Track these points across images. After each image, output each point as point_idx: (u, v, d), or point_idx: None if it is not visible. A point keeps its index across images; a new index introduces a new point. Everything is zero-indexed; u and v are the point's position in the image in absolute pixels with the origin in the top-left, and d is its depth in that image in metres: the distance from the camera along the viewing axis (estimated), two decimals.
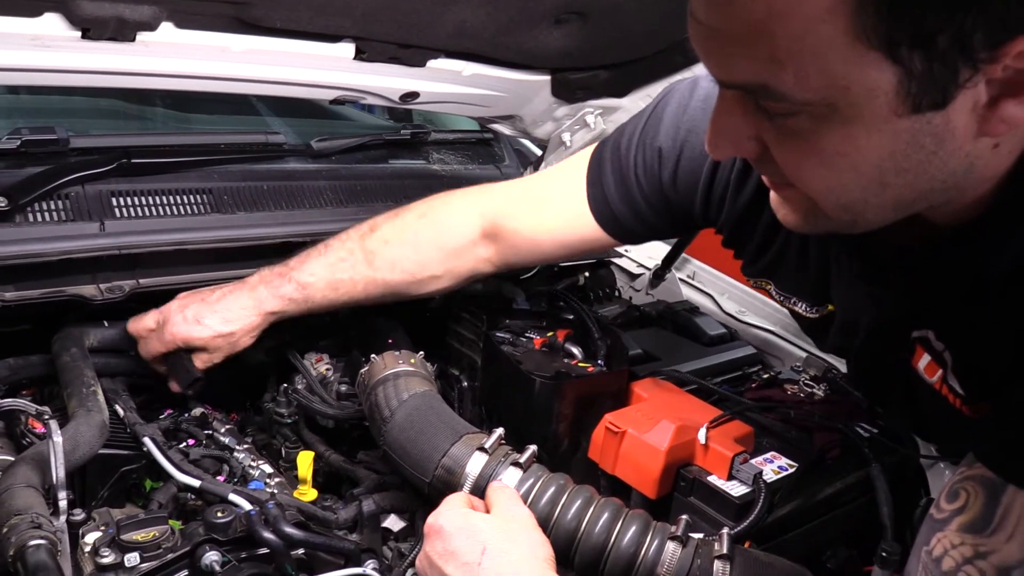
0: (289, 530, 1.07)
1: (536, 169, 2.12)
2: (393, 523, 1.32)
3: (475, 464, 1.13)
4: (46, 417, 1.16)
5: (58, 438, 1.02)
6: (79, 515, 1.15)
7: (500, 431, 1.16)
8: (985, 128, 0.71)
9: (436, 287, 1.42)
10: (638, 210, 1.26)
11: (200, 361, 1.42)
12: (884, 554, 1.19)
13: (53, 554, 0.92)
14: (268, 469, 1.37)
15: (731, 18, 0.69)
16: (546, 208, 1.35)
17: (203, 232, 1.52)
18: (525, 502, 1.08)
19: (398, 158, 2.03)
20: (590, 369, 1.40)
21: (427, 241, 1.38)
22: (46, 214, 1.42)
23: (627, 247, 2.05)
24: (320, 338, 1.59)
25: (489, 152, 2.21)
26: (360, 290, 1.39)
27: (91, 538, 1.10)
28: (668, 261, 1.95)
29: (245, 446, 1.43)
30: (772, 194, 0.90)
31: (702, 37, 0.73)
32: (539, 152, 2.16)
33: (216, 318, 1.39)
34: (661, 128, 1.21)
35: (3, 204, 1.37)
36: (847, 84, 0.68)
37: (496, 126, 2.05)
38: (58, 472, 1.02)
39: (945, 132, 0.71)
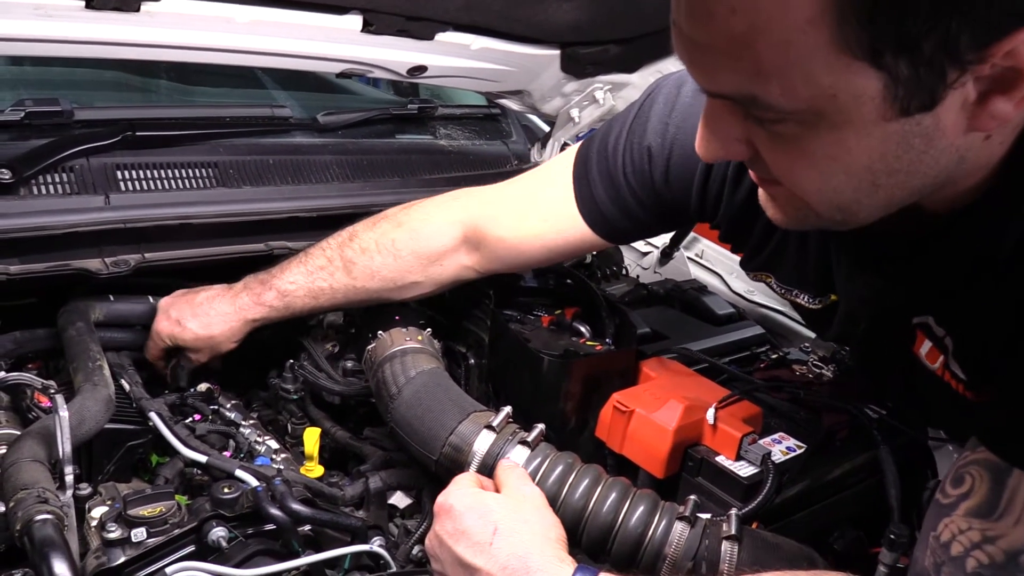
0: (296, 507, 1.07)
1: (544, 145, 2.10)
2: (399, 500, 1.32)
3: (483, 442, 1.12)
4: (52, 391, 1.16)
5: (64, 413, 1.01)
6: (85, 489, 1.15)
7: (508, 409, 1.15)
8: (975, 124, 0.71)
9: (418, 292, 1.42)
10: (629, 210, 1.24)
11: (188, 358, 1.45)
12: (892, 536, 1.18)
13: (60, 529, 0.91)
14: (274, 445, 1.37)
15: (713, 32, 0.68)
16: (531, 212, 1.32)
17: (209, 206, 1.50)
18: (533, 481, 1.07)
19: (405, 133, 2.01)
20: (598, 348, 1.39)
21: (405, 249, 1.38)
22: (50, 187, 1.41)
23: None
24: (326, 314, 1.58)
25: (496, 127, 2.19)
26: (340, 298, 1.40)
27: (97, 512, 1.11)
28: (677, 240, 1.94)
29: (251, 422, 1.43)
30: (760, 192, 0.90)
31: (686, 48, 0.73)
32: (547, 128, 2.14)
33: (197, 322, 1.41)
34: (649, 126, 1.19)
35: (7, 176, 1.36)
36: (834, 93, 0.68)
37: (504, 101, 2.03)
38: (64, 447, 1.01)
39: (935, 131, 0.71)
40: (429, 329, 1.35)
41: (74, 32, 1.26)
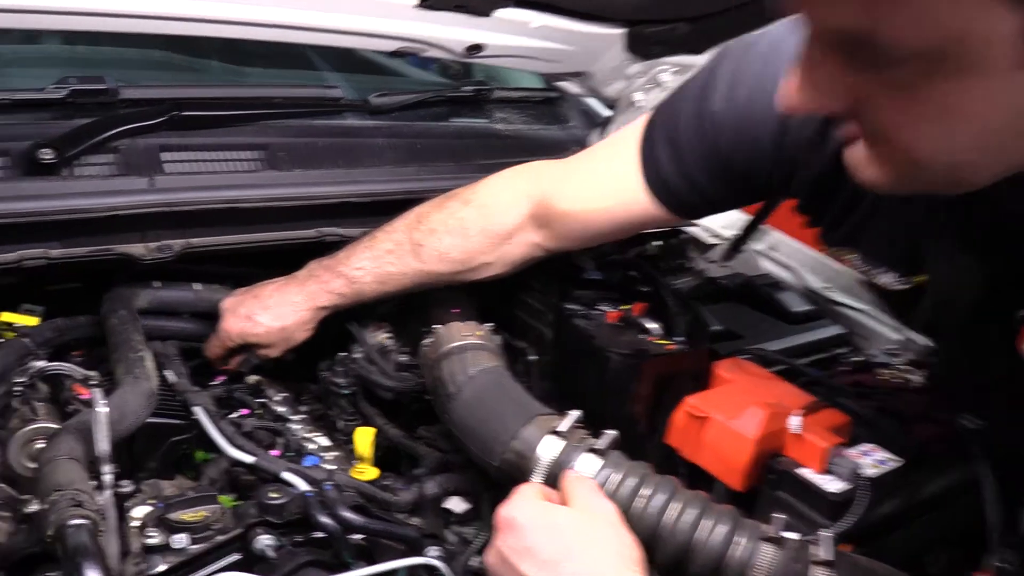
0: (347, 515, 1.00)
1: (604, 131, 2.01)
2: (456, 504, 1.24)
3: (548, 449, 1.03)
4: (92, 383, 1.11)
5: (102, 408, 0.94)
6: (127, 487, 1.10)
7: (576, 413, 1.06)
8: None
9: (488, 274, 1.35)
10: (695, 182, 1.15)
11: (258, 355, 1.41)
12: (1000, 565, 1.07)
13: (95, 535, 0.85)
14: (324, 442, 1.31)
15: None
16: (596, 185, 1.25)
17: (257, 190, 1.43)
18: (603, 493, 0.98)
19: (459, 116, 1.92)
20: (670, 346, 1.30)
21: (475, 229, 1.31)
22: (94, 168, 1.35)
23: None
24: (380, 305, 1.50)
25: (554, 112, 2.09)
26: (409, 281, 1.34)
27: (139, 512, 1.05)
28: (750, 229, 1.81)
29: (300, 416, 1.36)
30: (852, 151, 0.79)
31: None
32: (607, 112, 2.04)
33: (268, 315, 1.36)
34: (715, 91, 1.10)
35: (50, 156, 1.30)
36: (960, 33, 0.58)
37: (563, 84, 1.94)
38: (101, 444, 0.95)
39: None
40: (490, 324, 1.27)
41: (119, 5, 1.20)
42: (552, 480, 1.02)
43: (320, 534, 1.01)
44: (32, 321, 1.29)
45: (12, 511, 1.04)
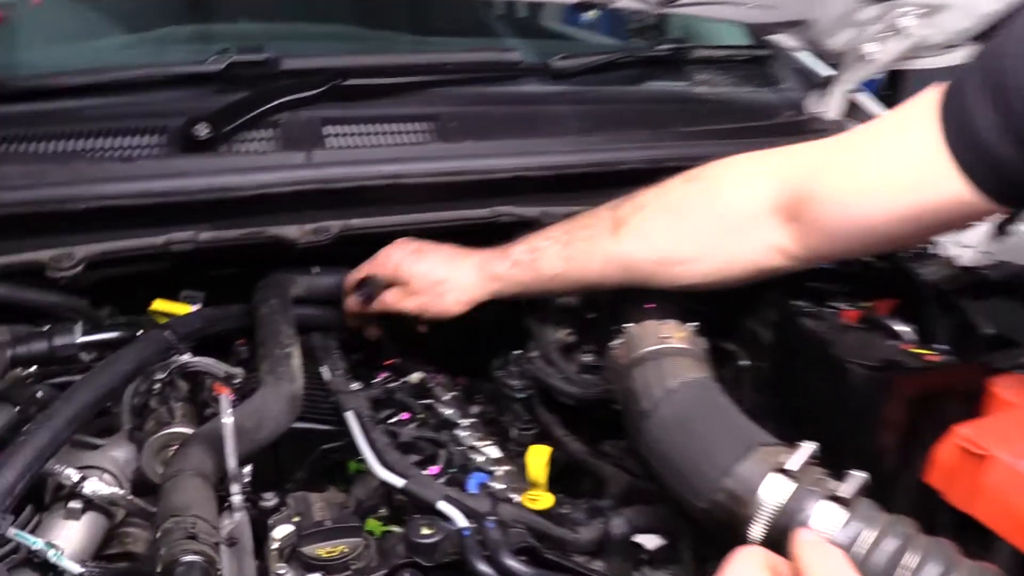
0: (511, 563, 0.80)
1: (825, 92, 1.70)
2: (648, 539, 1.02)
3: (774, 492, 0.78)
4: (235, 381, 0.99)
5: (228, 420, 0.80)
6: (271, 500, 0.97)
7: (810, 446, 0.81)
8: None
9: (697, 275, 1.07)
10: None
11: (390, 296, 1.22)
12: None
13: (209, 574, 0.70)
14: (494, 453, 1.13)
15: None
16: (871, 165, 0.96)
17: (423, 163, 1.28)
18: (850, 560, 0.72)
19: (653, 79, 1.71)
20: (930, 357, 1.01)
21: (694, 208, 1.05)
22: (252, 143, 1.26)
23: None
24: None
25: (763, 72, 1.81)
26: (596, 266, 1.10)
27: (280, 532, 0.91)
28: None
29: (470, 420, 1.20)
30: None
31: None
32: (828, 71, 1.73)
33: (438, 258, 1.20)
34: None
35: (206, 131, 1.21)
36: None
37: (775, 37, 1.66)
38: (230, 461, 0.81)
39: None
40: (694, 323, 1.03)
41: None
42: (778, 535, 0.77)
43: None
44: (187, 310, 1.19)
45: (150, 519, 0.94)
